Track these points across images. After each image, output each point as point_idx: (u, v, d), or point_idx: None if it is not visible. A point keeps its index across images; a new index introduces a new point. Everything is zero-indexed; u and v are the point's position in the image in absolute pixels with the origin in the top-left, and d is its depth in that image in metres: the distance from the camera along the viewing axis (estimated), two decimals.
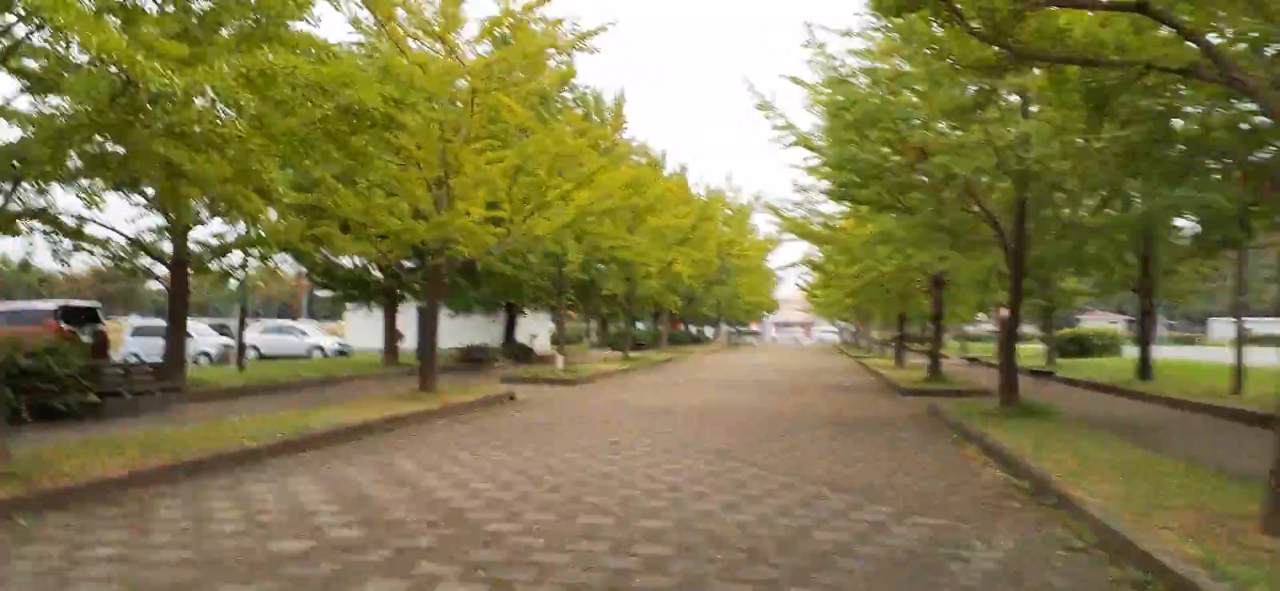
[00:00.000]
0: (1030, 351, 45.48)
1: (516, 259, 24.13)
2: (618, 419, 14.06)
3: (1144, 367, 21.70)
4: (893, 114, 12.43)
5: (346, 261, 25.46)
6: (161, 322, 29.40)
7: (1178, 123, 13.43)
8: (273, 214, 15.32)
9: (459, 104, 14.53)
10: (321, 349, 33.30)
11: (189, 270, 17.24)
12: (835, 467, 9.63)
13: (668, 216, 31.60)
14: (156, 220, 16.44)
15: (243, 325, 22.28)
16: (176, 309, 16.90)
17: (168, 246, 16.38)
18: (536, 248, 17.83)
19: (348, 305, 29.67)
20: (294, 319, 48.11)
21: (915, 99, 13.51)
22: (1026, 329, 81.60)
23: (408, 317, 32.10)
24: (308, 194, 14.03)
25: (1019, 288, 14.50)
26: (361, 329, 36.59)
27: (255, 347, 33.33)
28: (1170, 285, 23.17)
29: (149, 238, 16.37)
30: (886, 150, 13.05)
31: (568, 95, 33.00)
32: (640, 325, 65.32)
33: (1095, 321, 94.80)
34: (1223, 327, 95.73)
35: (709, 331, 79.09)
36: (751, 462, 9.78)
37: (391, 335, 25.36)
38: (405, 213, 13.83)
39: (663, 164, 40.77)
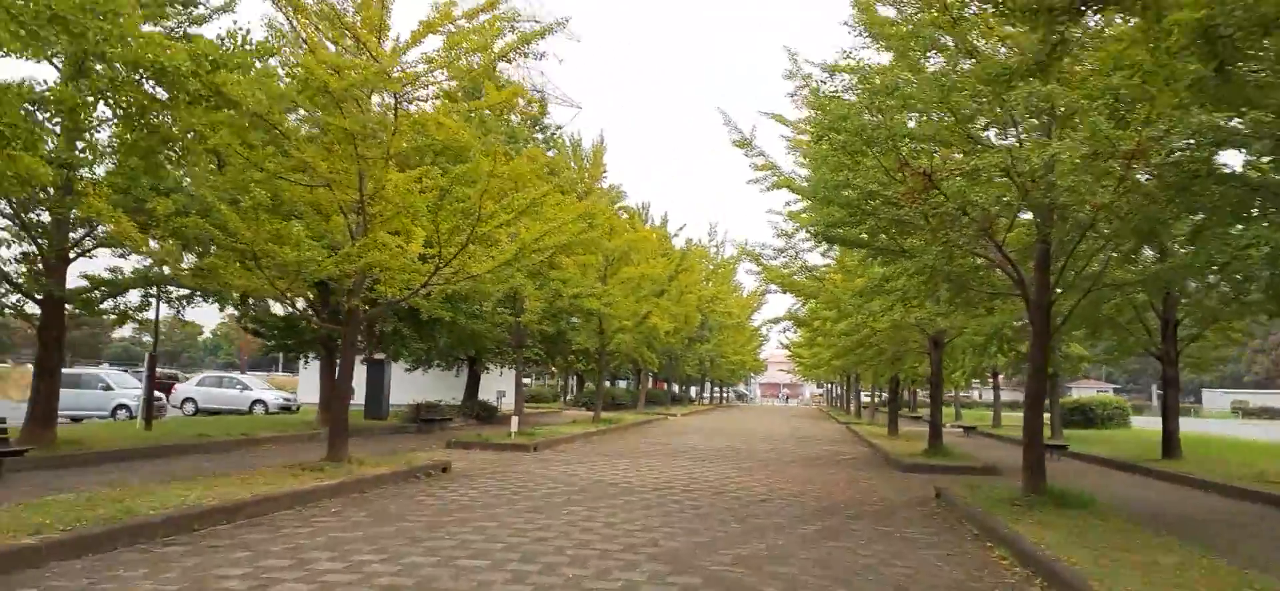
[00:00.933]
0: (1015, 420, 43.11)
1: (471, 306, 21.66)
2: (558, 502, 11.46)
3: (1169, 443, 19.26)
4: (893, 131, 10.11)
5: (284, 307, 22.92)
6: (75, 370, 26.77)
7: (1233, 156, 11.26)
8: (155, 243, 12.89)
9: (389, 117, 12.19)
10: (264, 403, 30.51)
11: (67, 308, 14.67)
12: None
13: (644, 266, 29.26)
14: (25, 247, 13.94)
15: (152, 376, 19.58)
16: (47, 354, 14.28)
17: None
18: (479, 290, 15.33)
19: (292, 356, 26.94)
20: (241, 370, 45.24)
21: (915, 121, 11.30)
22: (1014, 396, 79.10)
23: (358, 370, 29.43)
24: (186, 218, 11.54)
25: (1045, 347, 12.09)
26: (313, 381, 33.83)
27: (191, 401, 30.64)
28: (1195, 352, 20.80)
29: (14, 268, 13.83)
30: (884, 178, 10.71)
31: (540, 136, 30.95)
32: (622, 384, 62.74)
33: (1084, 389, 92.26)
34: (1215, 398, 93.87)
35: (693, 392, 76.43)
36: (715, 583, 7.22)
37: (328, 389, 22.66)
38: (301, 240, 11.32)
39: (645, 216, 38.62)
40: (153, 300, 17.09)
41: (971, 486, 13.58)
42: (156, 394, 26.81)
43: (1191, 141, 9.32)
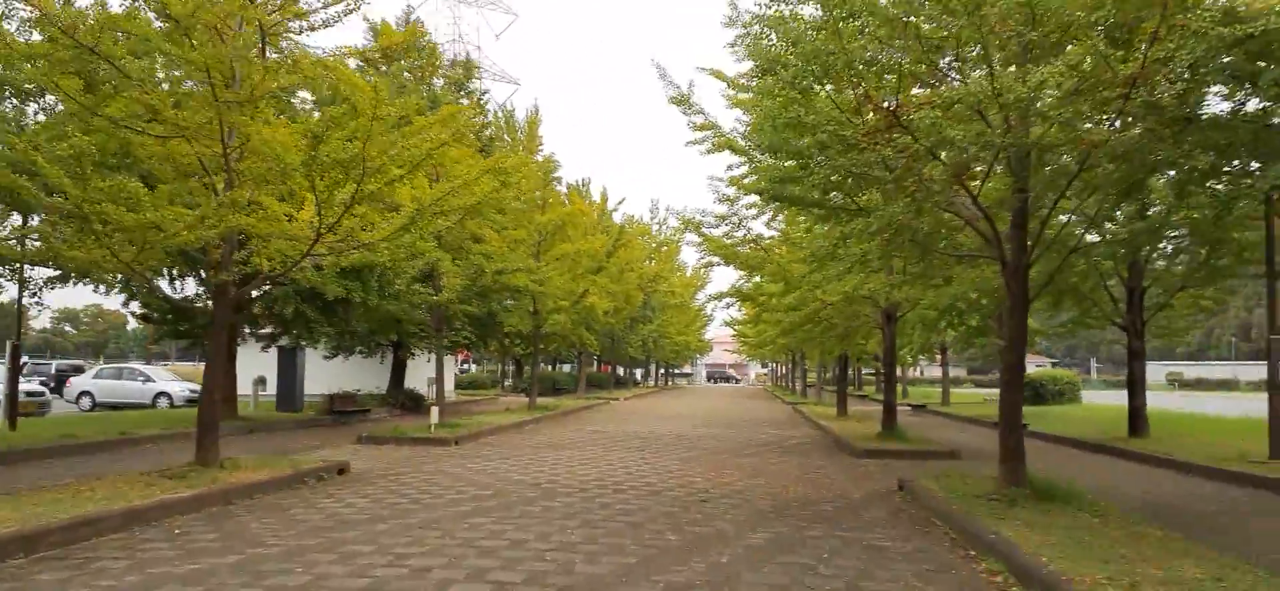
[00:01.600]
0: (963, 398, 42.44)
1: (384, 285, 19.60)
2: (463, 512, 9.65)
3: (1135, 420, 18.17)
4: (851, 58, 8.44)
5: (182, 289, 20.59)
6: None
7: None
8: None
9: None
10: (168, 396, 27.95)
11: None
12: None
13: (580, 242, 27.42)
14: None
15: (16, 367, 17.13)
16: None
17: None
18: (380, 263, 13.33)
19: (190, 344, 24.39)
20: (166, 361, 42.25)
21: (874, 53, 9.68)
22: (957, 373, 78.95)
23: (257, 360, 27.17)
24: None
25: (1023, 316, 10.62)
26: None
27: (88, 394, 27.99)
28: (1164, 322, 19.77)
29: None
30: (840, 118, 9.07)
31: (466, 102, 28.85)
32: (566, 368, 60.90)
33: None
34: (1149, 370, 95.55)
35: (638, 374, 74.91)
36: None
37: (227, 382, 20.39)
38: (141, 199, 9.26)
39: (585, 193, 36.72)
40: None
41: (939, 476, 12.12)
42: (38, 389, 24.22)
43: (1188, 72, 7.88)
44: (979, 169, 9.67)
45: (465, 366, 73.32)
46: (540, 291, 24.67)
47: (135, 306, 20.10)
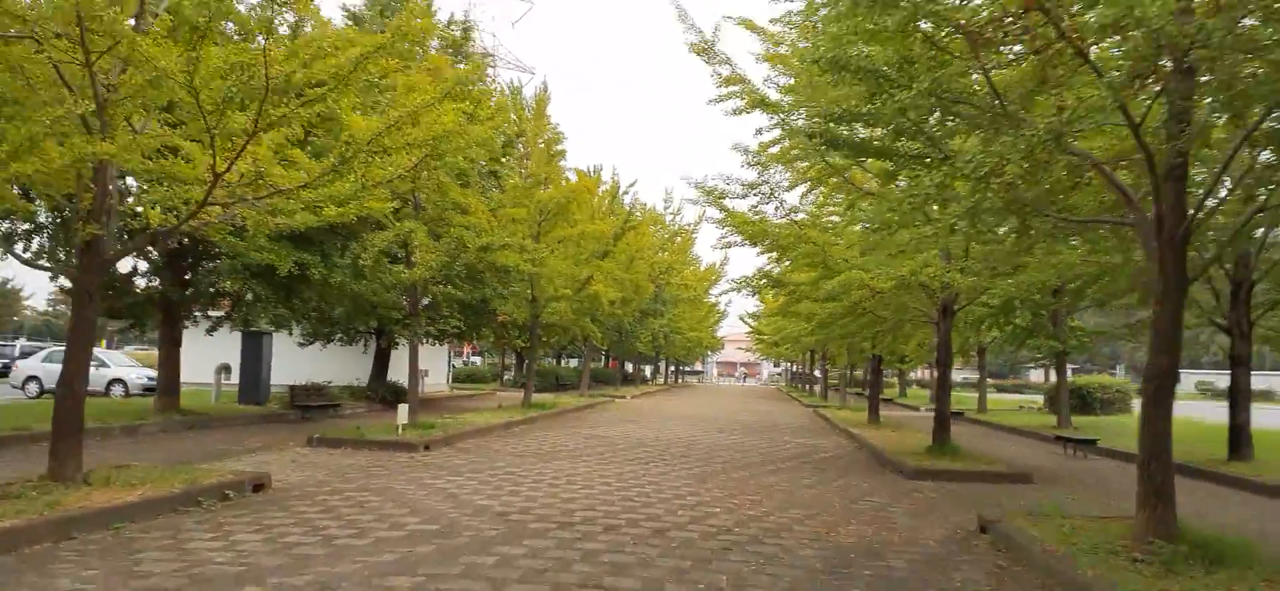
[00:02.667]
0: (994, 404, 39.33)
1: (344, 261, 16.79)
2: (390, 560, 6.82)
3: (1238, 440, 15.17)
4: None
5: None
6: None
7: None
8: None
9: None
10: (123, 383, 25.29)
11: None
12: None
13: (584, 224, 24.56)
14: None
15: None
16: None
17: None
18: (317, 220, 10.45)
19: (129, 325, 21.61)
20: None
21: None
22: (968, 376, 75.59)
23: (231, 345, 24.43)
24: None
25: (1180, 306, 7.64)
26: (200, 356, 28.56)
27: (36, 379, 25.39)
28: (1275, 323, 16.72)
29: None
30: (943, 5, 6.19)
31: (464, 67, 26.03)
32: (574, 362, 58.14)
33: (1035, 373, 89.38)
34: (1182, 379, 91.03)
35: (648, 371, 72.02)
36: None
37: (169, 370, 17.64)
38: None
39: (595, 178, 33.78)
40: None
41: (1034, 516, 9.21)
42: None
43: None
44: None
45: (470, 359, 70.66)
46: (536, 272, 21.84)
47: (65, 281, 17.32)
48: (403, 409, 15.83)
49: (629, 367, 57.17)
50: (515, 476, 11.90)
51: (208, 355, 25.13)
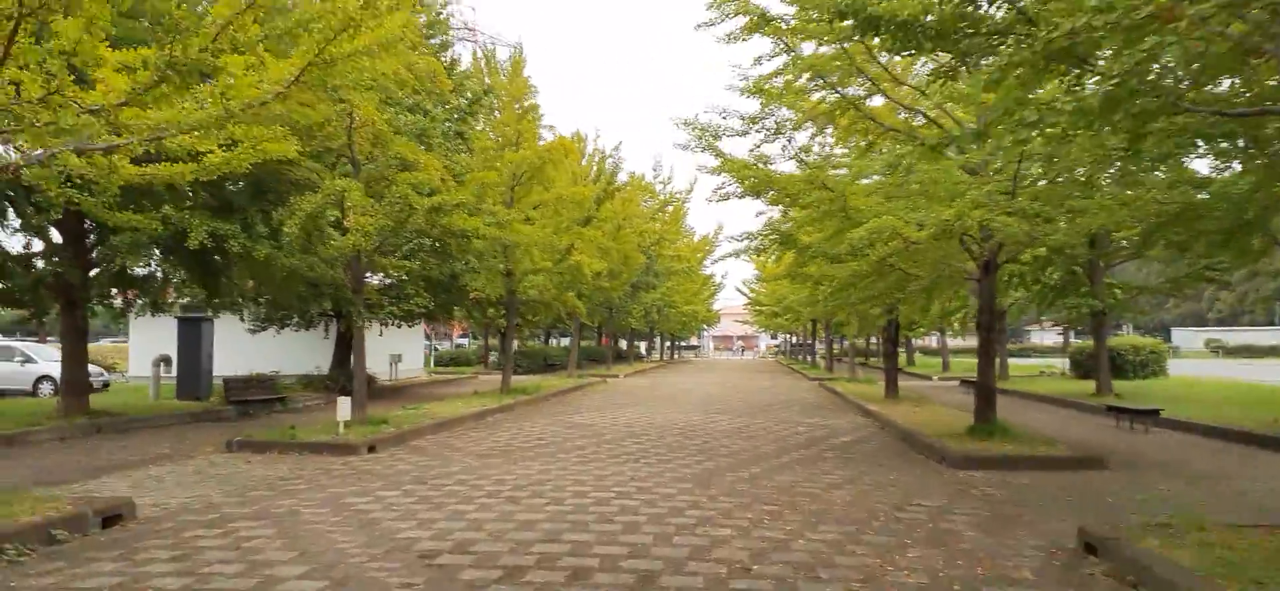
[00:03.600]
0: (1018, 369, 36.95)
1: (259, 228, 14.18)
2: None
3: None
4: None
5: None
6: None
7: None
8: None
9: None
10: (53, 381, 22.70)
11: None
12: None
13: (563, 187, 21.97)
14: None
15: None
16: None
17: None
18: (196, 169, 7.86)
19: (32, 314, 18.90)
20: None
21: None
22: (960, 344, 72.91)
23: (168, 330, 21.90)
24: None
25: None
26: (151, 347, 25.91)
27: None
28: None
29: None
30: None
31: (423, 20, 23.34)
32: (566, 341, 55.64)
33: (1043, 337, 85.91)
34: (1186, 337, 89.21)
35: (643, 348, 69.48)
36: None
37: (74, 365, 15.06)
38: None
39: (577, 143, 31.02)
40: None
41: (1161, 530, 6.73)
42: None
43: None
44: None
45: (459, 341, 67.98)
46: (509, 241, 19.28)
47: None
48: (344, 403, 13.29)
49: (623, 345, 54.66)
50: (468, 487, 9.38)
51: (160, 345, 22.55)
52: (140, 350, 27.36)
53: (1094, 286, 21.13)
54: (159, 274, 16.12)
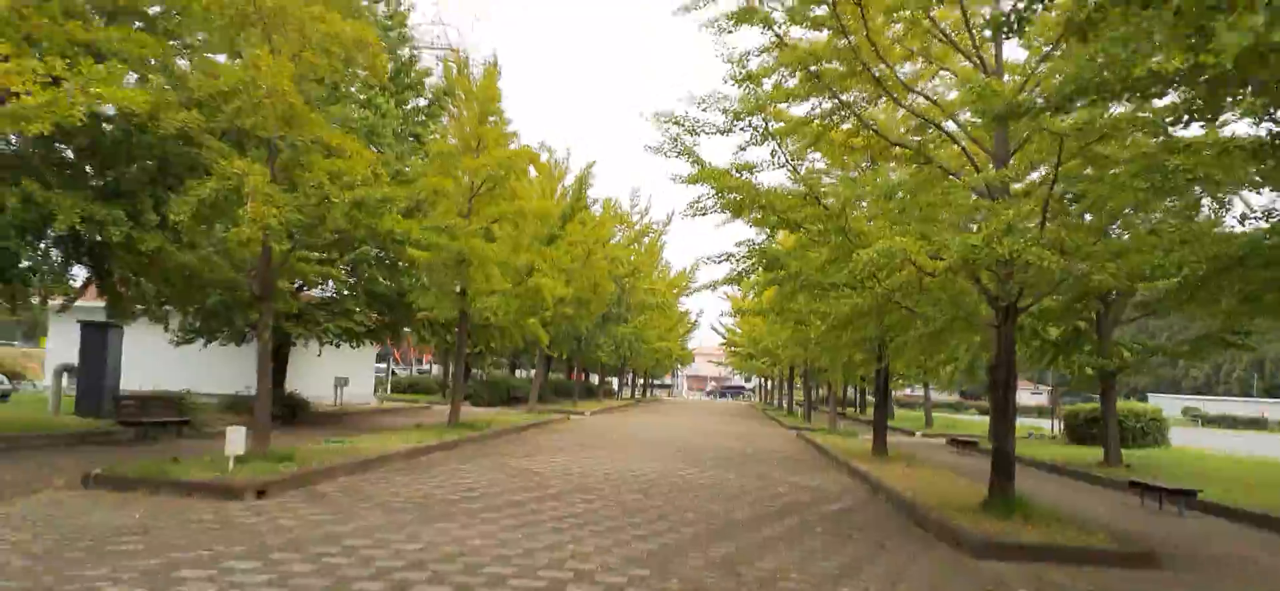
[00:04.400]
0: (1020, 427, 35.01)
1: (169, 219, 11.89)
2: None
3: None
4: None
5: None
6: None
7: None
8: None
9: None
10: None
11: None
12: None
13: (524, 200, 19.86)
14: None
15: None
16: None
17: None
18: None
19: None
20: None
21: None
22: (941, 398, 69.78)
23: (68, 336, 19.48)
24: None
25: None
26: (66, 355, 23.31)
27: None
28: None
29: None
30: None
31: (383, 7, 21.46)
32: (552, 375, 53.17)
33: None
34: (1163, 403, 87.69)
35: (615, 384, 67.02)
36: None
37: None
38: None
39: (565, 167, 28.95)
40: None
41: None
42: None
43: None
44: None
45: (423, 368, 65.13)
46: (450, 248, 17.07)
47: None
48: (235, 434, 10.95)
49: (593, 379, 52.28)
50: (356, 560, 7.13)
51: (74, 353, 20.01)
52: (57, 357, 24.71)
53: (1103, 343, 19.23)
54: (46, 267, 13.76)
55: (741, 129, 10.29)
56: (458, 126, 20.45)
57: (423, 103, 21.95)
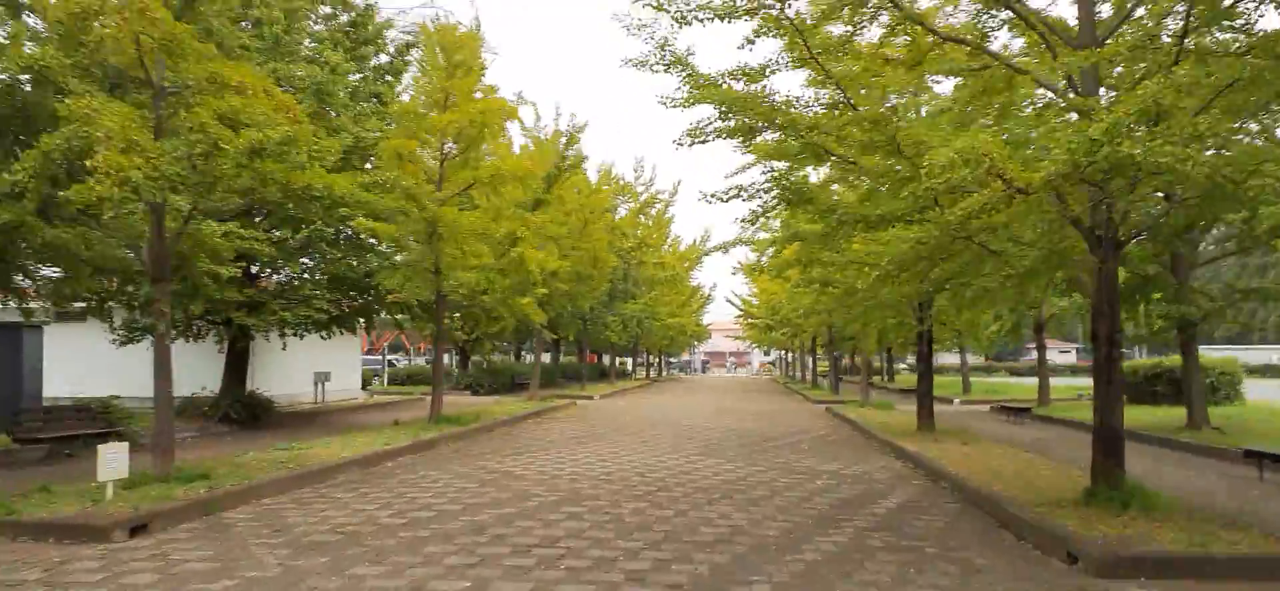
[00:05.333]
0: (1059, 391, 32.34)
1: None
2: None
3: None
4: None
5: None
6: None
7: None
8: None
9: None
10: None
11: None
12: None
13: (506, 161, 17.30)
14: None
15: None
16: None
17: None
18: None
19: None
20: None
21: None
22: (973, 360, 66.49)
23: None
24: None
25: None
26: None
27: None
28: None
29: None
30: None
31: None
32: (547, 357, 50.77)
33: (1030, 355, 79.65)
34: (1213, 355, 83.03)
35: (630, 364, 64.46)
36: None
37: None
38: None
39: (558, 130, 26.24)
40: None
41: None
42: None
43: None
44: None
45: (408, 357, 62.54)
46: (434, 224, 14.57)
47: None
48: (110, 453, 8.48)
49: (607, 361, 49.66)
50: None
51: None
52: None
53: (1181, 288, 16.46)
54: None
55: (746, 5, 7.59)
56: (425, 83, 17.88)
57: (385, 61, 19.37)
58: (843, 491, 10.39)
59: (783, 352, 72.40)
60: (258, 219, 16.22)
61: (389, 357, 45.79)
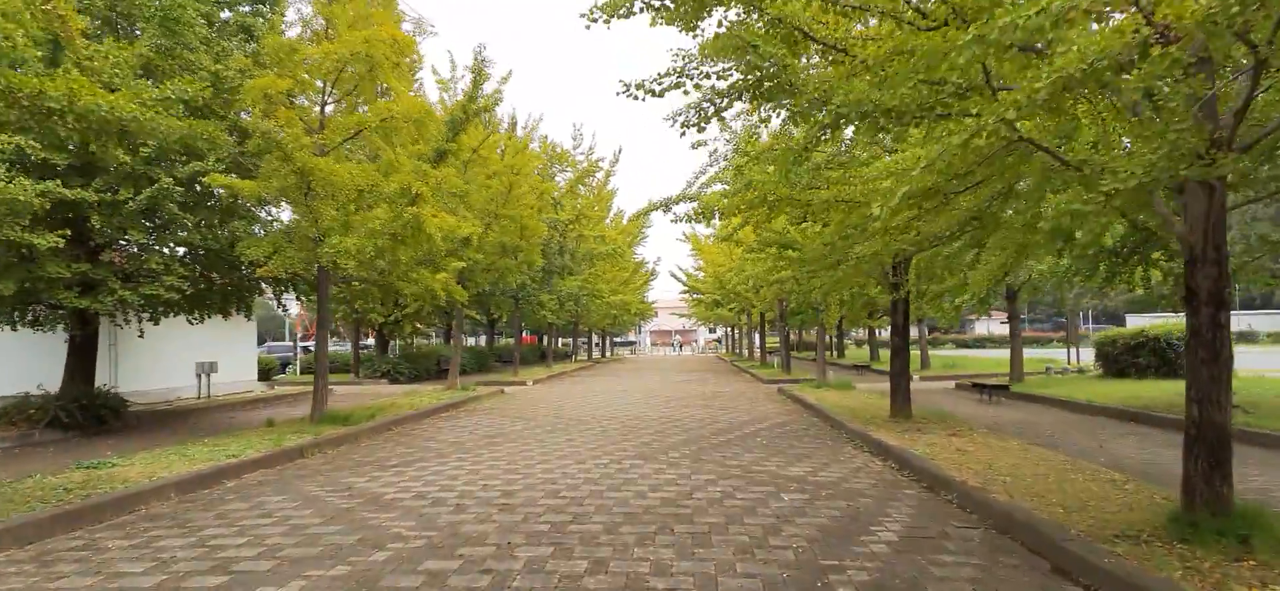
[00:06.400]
0: (1039, 361, 30.41)
1: None
2: None
3: None
4: None
5: None
6: None
7: None
8: None
9: None
10: None
11: None
12: None
13: (403, 102, 14.21)
14: None
15: None
16: None
17: None
18: None
19: None
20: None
21: None
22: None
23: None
24: None
25: None
26: None
27: None
28: None
29: None
30: None
31: None
32: (481, 340, 47.68)
33: (990, 327, 78.74)
34: (1234, 322, 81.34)
35: (576, 345, 61.44)
36: None
37: None
38: None
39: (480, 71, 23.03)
40: None
41: None
42: None
43: None
44: None
45: (368, 342, 58.62)
46: (317, 177, 11.49)
47: None
48: None
49: (548, 342, 46.63)
50: None
51: None
52: None
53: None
54: None
55: None
56: (308, 14, 14.74)
57: None
58: (819, 514, 7.72)
59: (728, 329, 70.27)
60: (96, 181, 12.98)
61: (303, 344, 42.10)
